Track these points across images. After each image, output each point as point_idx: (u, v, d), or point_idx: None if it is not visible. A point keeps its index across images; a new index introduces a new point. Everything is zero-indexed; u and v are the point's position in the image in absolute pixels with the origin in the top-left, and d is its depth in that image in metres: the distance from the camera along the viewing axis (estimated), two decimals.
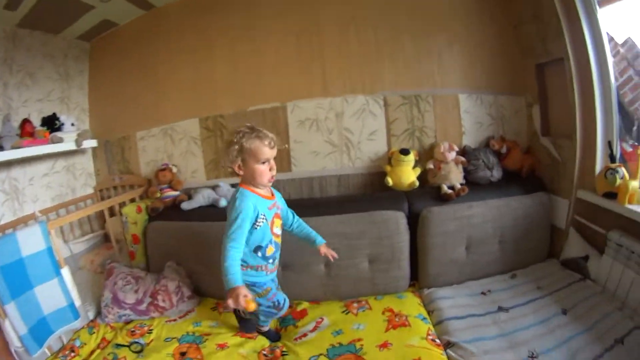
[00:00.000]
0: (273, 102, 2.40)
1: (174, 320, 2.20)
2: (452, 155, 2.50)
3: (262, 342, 2.00)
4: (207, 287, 2.37)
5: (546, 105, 2.67)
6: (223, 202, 2.48)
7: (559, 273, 2.39)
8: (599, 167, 2.30)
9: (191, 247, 2.38)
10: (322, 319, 2.06)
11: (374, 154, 2.50)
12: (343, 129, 2.42)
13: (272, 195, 1.92)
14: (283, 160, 2.42)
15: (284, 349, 1.91)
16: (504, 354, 1.75)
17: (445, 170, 2.47)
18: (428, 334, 1.86)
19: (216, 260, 1.66)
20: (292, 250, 2.14)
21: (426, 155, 2.59)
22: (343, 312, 2.05)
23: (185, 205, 2.55)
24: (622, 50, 2.52)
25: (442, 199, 2.37)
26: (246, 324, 2.09)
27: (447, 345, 1.82)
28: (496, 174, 2.60)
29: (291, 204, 2.12)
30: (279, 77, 2.38)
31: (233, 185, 2.56)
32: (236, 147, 1.74)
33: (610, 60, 2.21)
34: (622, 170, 2.15)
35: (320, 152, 2.42)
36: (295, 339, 1.99)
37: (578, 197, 2.40)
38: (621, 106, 2.43)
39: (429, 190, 2.47)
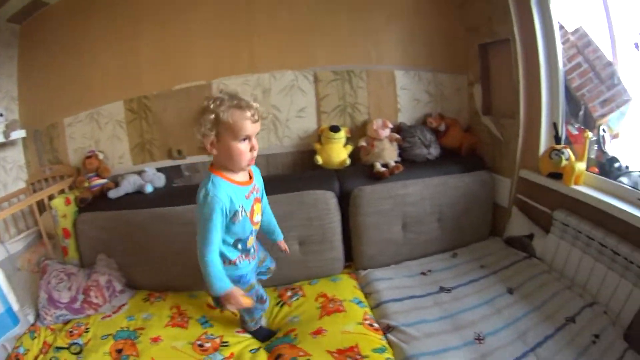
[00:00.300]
0: (199, 80, 2.25)
1: (109, 316, 2.05)
2: (385, 132, 2.42)
3: (195, 332, 1.85)
4: (139, 279, 2.22)
5: (488, 85, 2.67)
6: (149, 188, 2.31)
7: (502, 251, 2.39)
8: (543, 147, 2.32)
9: (121, 237, 2.23)
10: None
11: (303, 132, 2.41)
12: (270, 105, 2.30)
13: (250, 178, 1.61)
14: None
15: (224, 339, 1.80)
16: (449, 336, 1.70)
17: (378, 147, 2.39)
18: (365, 319, 1.79)
19: (147, 249, 1.61)
20: None
21: (359, 132, 2.52)
22: (278, 304, 1.97)
23: (112, 194, 2.35)
24: (572, 38, 2.59)
25: (375, 177, 2.29)
26: (260, 334, 1.89)
27: (387, 329, 1.75)
28: (434, 151, 2.57)
29: None
30: (206, 55, 2.22)
31: (160, 170, 2.40)
32: (211, 116, 1.38)
33: (559, 45, 2.25)
34: (568, 152, 2.18)
35: None
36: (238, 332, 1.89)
37: (521, 176, 2.42)
38: (568, 91, 2.48)
39: (362, 168, 2.40)
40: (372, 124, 2.43)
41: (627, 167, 2.30)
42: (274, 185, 2.08)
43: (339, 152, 2.35)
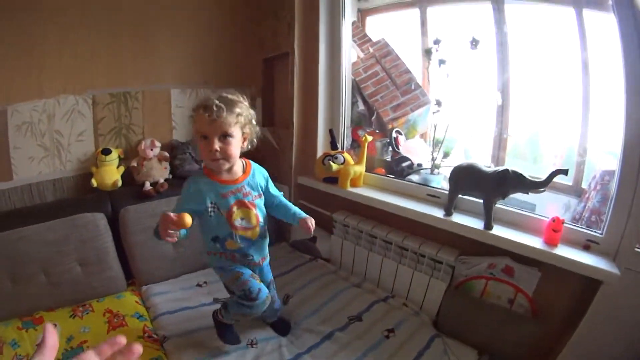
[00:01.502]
0: None
1: None
2: (154, 151, 2.45)
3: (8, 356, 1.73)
4: None
5: (272, 98, 2.82)
6: None
7: (287, 256, 2.46)
8: (319, 154, 2.42)
9: None
10: (56, 325, 1.85)
11: (83, 155, 2.36)
12: (54, 131, 2.25)
13: (241, 177, 1.57)
14: (4, 167, 2.16)
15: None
16: (221, 343, 1.73)
17: (147, 167, 2.41)
18: (145, 332, 1.84)
19: None
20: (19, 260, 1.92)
21: (133, 153, 2.51)
22: (71, 316, 1.91)
23: None
24: (372, 49, 2.74)
25: (143, 196, 2.29)
26: (226, 331, 1.72)
27: (163, 339, 1.77)
28: None
29: (12, 214, 2.08)
30: (1, 78, 2.24)
31: None
32: (192, 113, 1.47)
33: (345, 57, 2.41)
34: (342, 157, 2.29)
35: (35, 157, 2.21)
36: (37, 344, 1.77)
37: (299, 182, 2.53)
38: (364, 98, 2.68)
39: (135, 188, 2.38)
40: (141, 144, 2.46)
41: (419, 165, 2.40)
42: (50, 211, 2.12)
43: (111, 173, 2.34)
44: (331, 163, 2.21)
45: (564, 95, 2.09)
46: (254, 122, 1.54)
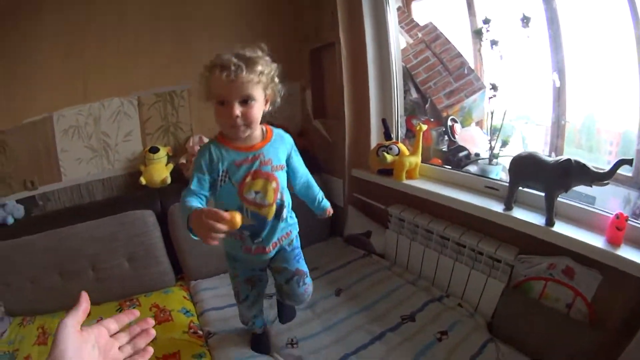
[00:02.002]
0: (42, 113, 2.30)
1: None
2: None
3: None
4: (15, 306, 2.09)
5: (322, 90, 2.75)
6: (10, 220, 2.32)
7: (340, 251, 2.43)
8: (373, 145, 2.34)
9: None
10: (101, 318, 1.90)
11: (131, 154, 2.43)
12: (101, 133, 2.34)
13: (259, 143, 1.38)
14: (53, 170, 2.28)
15: None
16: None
17: None
18: (190, 327, 1.84)
19: (18, 277, 1.62)
20: (69, 257, 2.02)
21: (182, 150, 2.54)
22: (117, 310, 1.98)
23: None
24: (420, 34, 2.71)
25: None
26: (252, 339, 1.73)
27: (208, 335, 1.78)
28: None
29: (62, 213, 2.16)
30: (46, 88, 2.24)
31: (19, 201, 2.43)
32: (206, 73, 1.27)
33: (394, 45, 2.31)
34: (397, 147, 2.21)
35: (83, 159, 2.32)
36: None
37: (353, 175, 2.46)
38: (416, 85, 2.57)
39: (184, 185, 2.26)
40: (189, 140, 2.48)
41: (477, 155, 2.28)
42: (100, 209, 2.19)
43: (160, 171, 2.37)
44: (385, 154, 2.14)
45: (620, 76, 1.86)
46: (276, 80, 1.36)
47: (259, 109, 1.30)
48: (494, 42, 2.14)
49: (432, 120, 2.52)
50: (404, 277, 2.10)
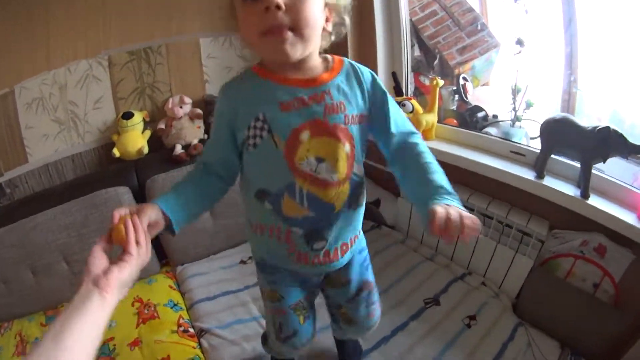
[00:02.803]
0: (4, 88, 2.05)
1: None
2: (184, 109, 2.22)
3: None
4: None
5: None
6: None
7: None
8: None
9: None
10: None
11: (102, 124, 2.19)
12: (68, 102, 2.09)
13: (324, 75, 0.88)
14: (18, 151, 2.05)
15: None
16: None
17: (176, 127, 2.16)
18: (179, 325, 1.64)
19: None
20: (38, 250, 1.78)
21: (162, 114, 2.29)
22: None
23: None
24: None
25: (174, 161, 2.06)
26: None
27: (200, 333, 1.59)
28: None
29: (29, 200, 1.94)
30: (7, 60, 2.05)
31: None
32: None
33: None
34: (411, 104, 2.02)
35: (50, 134, 2.08)
36: None
37: None
38: (421, 40, 2.39)
39: (165, 153, 2.16)
40: (168, 102, 2.22)
41: (495, 117, 2.11)
42: (69, 192, 1.96)
43: (135, 140, 2.14)
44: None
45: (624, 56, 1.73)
46: None
47: (316, 8, 0.79)
48: None
49: (439, 78, 2.33)
50: (420, 252, 1.97)
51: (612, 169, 1.49)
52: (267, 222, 0.95)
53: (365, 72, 0.93)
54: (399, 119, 0.96)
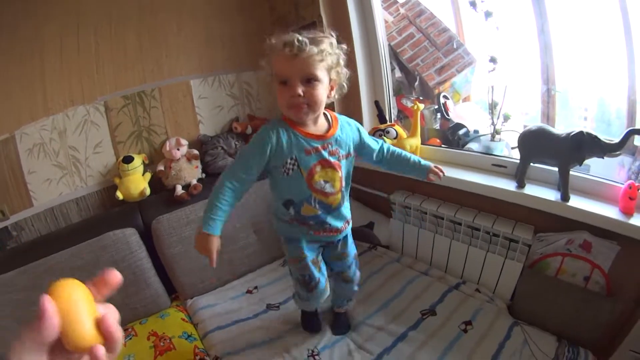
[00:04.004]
0: (4, 133, 2.16)
1: None
2: (182, 151, 2.37)
3: None
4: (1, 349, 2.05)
5: None
6: None
7: None
8: (368, 130, 2.24)
9: None
10: None
11: (103, 168, 2.31)
12: (68, 147, 2.20)
13: (329, 132, 1.39)
14: (23, 195, 2.15)
15: None
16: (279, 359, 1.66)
17: (175, 169, 2.33)
18: (195, 354, 1.74)
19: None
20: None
21: (159, 156, 2.43)
22: None
23: None
24: (402, 10, 2.69)
25: (176, 201, 2.21)
26: (303, 317, 1.80)
27: None
28: None
29: (37, 243, 2.05)
30: (5, 105, 2.15)
31: None
32: (268, 51, 1.29)
33: (379, 22, 2.25)
34: (395, 130, 2.16)
35: (53, 179, 2.19)
36: None
37: None
38: (401, 63, 2.54)
39: (166, 194, 2.31)
40: (165, 144, 2.37)
41: (476, 132, 2.28)
42: (76, 234, 2.04)
43: (137, 183, 2.25)
44: (384, 138, 2.07)
45: (603, 45, 1.92)
46: (342, 63, 1.34)
47: (323, 91, 1.28)
48: (488, 14, 2.13)
49: (421, 98, 2.50)
50: (415, 268, 2.09)
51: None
52: (290, 217, 1.46)
53: (354, 123, 1.51)
54: (371, 142, 1.56)
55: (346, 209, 1.53)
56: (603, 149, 1.45)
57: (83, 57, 2.20)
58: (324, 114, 1.41)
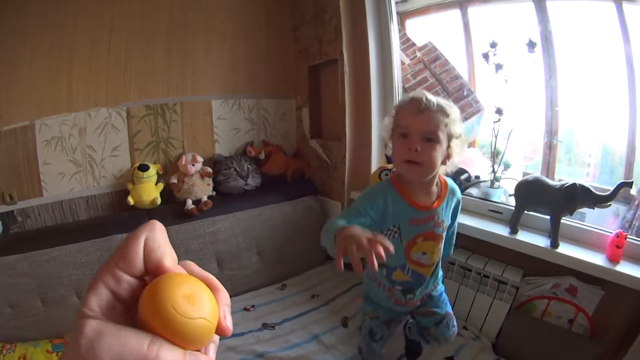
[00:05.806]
0: (23, 121, 2.18)
1: None
2: (196, 167, 2.52)
3: None
4: None
5: (319, 109, 2.84)
6: None
7: (339, 277, 2.46)
8: (374, 168, 2.43)
9: None
10: None
11: (117, 171, 2.45)
12: (86, 146, 2.32)
13: (437, 202, 1.39)
14: (34, 183, 2.24)
15: None
16: None
17: (188, 184, 2.46)
18: None
19: None
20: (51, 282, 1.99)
21: (173, 168, 2.58)
22: None
23: None
24: (419, 54, 2.75)
25: (185, 215, 2.34)
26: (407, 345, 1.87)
27: None
28: (252, 182, 2.68)
29: (42, 232, 2.12)
30: (28, 93, 2.26)
31: None
32: (393, 111, 1.36)
33: (396, 64, 2.40)
34: None
35: (66, 173, 2.29)
36: None
37: (352, 198, 2.53)
38: None
39: (176, 206, 2.43)
40: (182, 159, 2.51)
41: (477, 177, 2.43)
42: (83, 230, 2.18)
43: (149, 191, 2.40)
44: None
45: (609, 92, 2.13)
46: (463, 136, 1.35)
47: (439, 154, 1.27)
48: (499, 66, 2.29)
49: None
50: None
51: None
52: (379, 279, 1.50)
53: (458, 192, 1.49)
54: (455, 218, 1.55)
55: (437, 278, 1.56)
56: (594, 200, 1.59)
57: (112, 61, 2.33)
58: (437, 182, 1.40)
